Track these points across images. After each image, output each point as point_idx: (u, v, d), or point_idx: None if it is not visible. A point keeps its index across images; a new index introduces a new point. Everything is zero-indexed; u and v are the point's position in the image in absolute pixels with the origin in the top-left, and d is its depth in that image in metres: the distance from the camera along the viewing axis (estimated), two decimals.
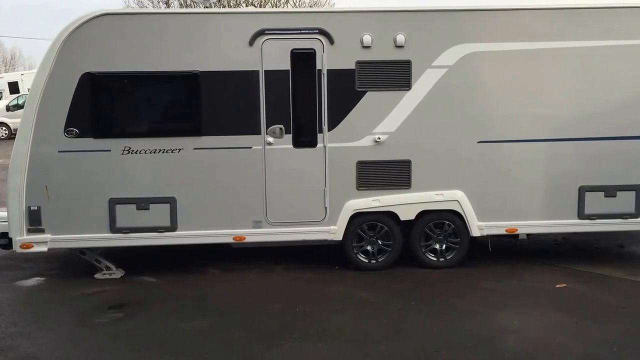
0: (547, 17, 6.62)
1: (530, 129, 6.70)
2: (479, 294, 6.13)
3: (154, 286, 6.56)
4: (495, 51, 6.61)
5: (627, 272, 6.78)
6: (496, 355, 4.71)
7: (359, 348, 4.86)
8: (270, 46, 6.47)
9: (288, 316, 5.57)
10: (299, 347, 4.88)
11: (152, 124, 6.67)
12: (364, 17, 6.57)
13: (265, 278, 6.75)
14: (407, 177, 6.73)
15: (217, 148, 6.55)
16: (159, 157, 6.52)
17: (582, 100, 6.68)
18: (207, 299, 6.08)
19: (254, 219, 6.66)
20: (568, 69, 6.64)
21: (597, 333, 5.10)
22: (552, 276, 6.64)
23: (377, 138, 6.64)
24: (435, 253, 6.94)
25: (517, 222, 6.81)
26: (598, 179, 6.77)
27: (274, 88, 6.52)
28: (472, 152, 6.70)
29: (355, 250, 6.88)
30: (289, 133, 6.59)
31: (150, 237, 6.60)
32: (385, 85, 6.58)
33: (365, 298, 6.04)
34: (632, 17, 6.62)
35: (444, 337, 5.06)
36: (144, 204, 6.54)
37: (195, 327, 5.35)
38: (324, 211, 6.72)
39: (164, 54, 6.41)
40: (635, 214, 6.80)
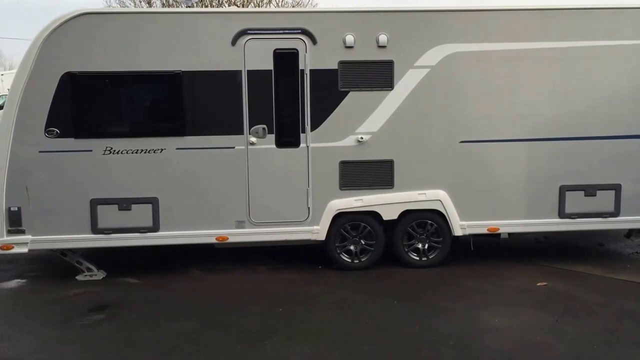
0: (528, 17, 6.68)
1: (512, 129, 6.76)
2: (461, 293, 6.18)
3: (136, 287, 6.52)
4: (477, 51, 6.66)
5: (606, 270, 6.88)
6: (477, 354, 4.75)
7: (342, 348, 4.87)
8: (253, 46, 6.46)
9: (271, 317, 5.57)
10: (282, 348, 4.88)
11: (134, 124, 6.62)
12: (346, 17, 6.58)
13: (249, 278, 6.74)
14: (389, 176, 6.75)
15: (199, 148, 6.53)
16: (141, 158, 6.48)
17: (562, 101, 6.75)
18: (190, 300, 6.05)
19: (237, 219, 6.65)
20: (549, 69, 6.71)
21: (577, 331, 5.16)
22: (533, 275, 6.71)
23: (359, 138, 6.66)
24: (418, 252, 6.98)
25: (499, 221, 6.87)
26: (578, 179, 6.85)
27: (256, 88, 6.51)
28: (454, 152, 6.74)
29: (338, 250, 6.90)
30: (271, 133, 6.58)
31: (132, 238, 6.56)
32: (367, 85, 6.60)
33: (348, 298, 6.06)
34: (611, 18, 6.70)
35: (426, 336, 5.09)
36: (126, 205, 6.49)
37: (177, 328, 5.32)
38: (307, 211, 6.72)
39: (146, 53, 6.38)
40: (614, 212, 6.89)
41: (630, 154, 6.83)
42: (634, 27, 6.69)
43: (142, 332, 5.29)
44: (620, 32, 6.68)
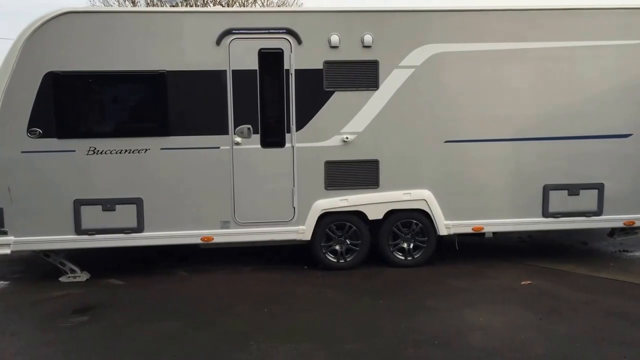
0: (512, 18, 6.72)
1: (496, 128, 6.80)
2: (446, 292, 6.20)
3: (120, 289, 6.47)
4: (461, 52, 6.69)
5: (590, 269, 6.94)
6: (462, 352, 4.76)
7: (327, 347, 4.86)
8: (238, 46, 6.44)
9: (256, 317, 5.55)
10: (267, 348, 4.86)
11: (118, 124, 6.57)
12: (331, 17, 6.58)
13: (234, 279, 6.72)
14: (375, 176, 6.76)
15: (184, 148, 6.50)
16: (125, 158, 6.44)
17: (546, 101, 6.80)
18: (174, 301, 6.02)
19: (222, 220, 6.63)
20: (532, 69, 6.76)
21: (561, 329, 5.20)
22: (517, 273, 6.75)
23: (345, 138, 6.66)
24: (403, 252, 7.00)
25: (483, 220, 6.91)
26: (562, 178, 6.91)
27: (241, 88, 6.49)
28: (439, 152, 6.77)
29: (324, 250, 6.89)
30: (256, 133, 6.57)
31: (117, 239, 6.51)
32: (353, 85, 6.61)
33: (333, 297, 6.05)
34: (594, 18, 6.77)
35: (411, 335, 5.09)
36: (110, 205, 6.45)
37: (162, 330, 5.29)
38: (293, 211, 6.71)
39: (130, 53, 6.34)
40: (597, 211, 6.96)
41: (613, 154, 6.90)
42: (617, 27, 6.76)
43: (126, 333, 5.25)
44: (603, 32, 6.75)
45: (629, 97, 6.84)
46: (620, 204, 6.96)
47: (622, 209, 6.97)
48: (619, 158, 6.91)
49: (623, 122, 6.87)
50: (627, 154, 6.91)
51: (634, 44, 6.76)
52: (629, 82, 6.82)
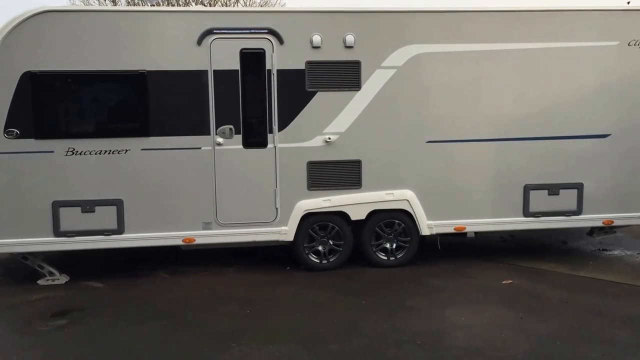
0: (493, 19, 6.77)
1: (477, 129, 6.84)
2: (428, 292, 6.22)
3: (100, 291, 6.40)
4: (443, 52, 6.72)
5: (569, 268, 7.01)
6: (444, 352, 4.78)
7: (310, 348, 4.85)
8: (219, 46, 6.40)
9: (238, 318, 5.52)
10: (250, 350, 4.84)
11: (97, 124, 6.49)
12: (313, 17, 6.57)
13: (216, 280, 6.68)
14: (357, 177, 6.77)
15: (165, 149, 6.44)
16: (105, 158, 6.37)
17: (526, 101, 6.86)
18: (156, 303, 5.96)
19: (204, 221, 6.58)
20: (514, 70, 6.81)
21: (542, 327, 5.24)
22: (499, 273, 6.80)
23: (327, 138, 6.66)
24: (386, 252, 7.01)
25: (465, 220, 6.94)
26: (542, 178, 6.97)
27: (223, 88, 6.45)
28: (421, 152, 6.80)
29: (307, 250, 6.88)
30: (238, 133, 6.54)
31: (96, 241, 6.44)
32: (335, 85, 6.61)
33: (316, 298, 6.04)
34: (575, 19, 6.83)
35: (394, 335, 5.10)
36: (89, 207, 6.37)
37: (143, 332, 5.23)
38: (275, 212, 6.69)
39: (109, 52, 6.27)
40: (577, 211, 7.03)
41: (592, 154, 6.98)
42: (597, 28, 6.83)
43: (106, 336, 5.18)
44: (584, 33, 6.82)
45: (607, 98, 6.92)
46: (599, 204, 7.04)
47: (601, 208, 7.05)
48: (598, 158, 6.99)
49: (602, 123, 6.95)
50: (606, 153, 6.99)
51: (612, 45, 6.84)
52: (608, 83, 6.90)
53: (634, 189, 7.06)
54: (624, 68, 6.88)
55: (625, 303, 5.82)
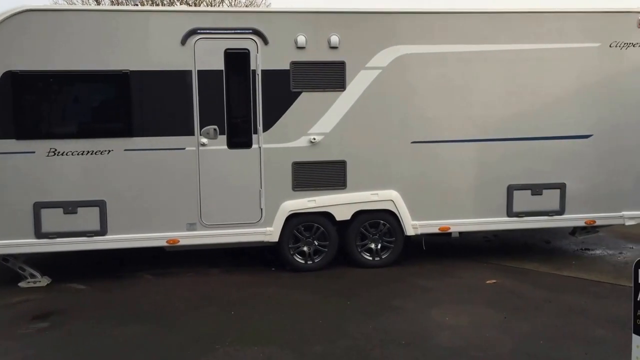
0: (478, 20, 6.80)
1: (462, 129, 6.87)
2: (413, 292, 6.23)
3: (82, 293, 6.33)
4: (427, 53, 6.74)
5: (552, 267, 7.06)
6: (429, 352, 4.79)
7: (295, 349, 4.83)
8: (203, 46, 6.37)
9: (223, 320, 5.49)
10: (234, 351, 4.81)
11: (79, 124, 6.42)
12: (298, 17, 6.56)
13: (200, 282, 6.64)
14: (342, 177, 6.77)
15: (148, 149, 6.39)
16: (88, 159, 6.31)
17: (510, 102, 6.90)
18: (139, 305, 5.91)
19: (188, 222, 6.54)
20: (497, 71, 6.85)
21: (525, 327, 5.27)
22: (483, 273, 6.84)
23: (312, 139, 6.65)
24: (371, 252, 7.02)
25: (450, 220, 6.97)
26: (525, 178, 7.02)
27: (207, 88, 6.42)
28: (405, 153, 6.81)
29: (292, 251, 6.86)
30: (223, 134, 6.51)
31: (79, 242, 6.37)
32: (320, 86, 6.60)
33: (301, 299, 6.03)
34: (558, 21, 6.89)
35: (379, 335, 5.10)
36: (72, 208, 6.30)
37: (126, 335, 5.19)
38: (260, 212, 6.67)
39: (92, 52, 6.21)
40: (559, 211, 7.09)
41: (575, 154, 7.04)
42: (580, 30, 6.90)
43: (88, 339, 5.13)
44: (568, 35, 6.87)
45: (589, 99, 6.99)
46: (582, 204, 7.10)
47: (583, 208, 7.12)
48: (580, 158, 7.06)
49: (584, 123, 7.01)
50: (588, 154, 7.06)
51: (594, 46, 6.90)
52: (590, 84, 6.97)
53: (615, 189, 7.13)
54: (606, 69, 6.95)
55: (608, 302, 5.87)
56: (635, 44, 6.92)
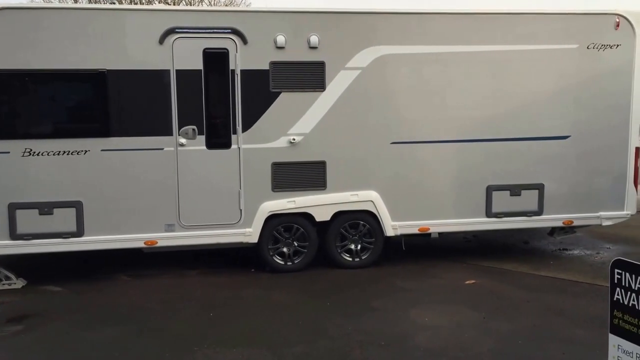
0: (458, 21, 6.83)
1: (441, 130, 6.89)
2: (392, 293, 6.23)
3: (58, 295, 6.23)
4: (407, 54, 6.75)
5: (531, 267, 7.11)
6: (408, 352, 4.79)
7: (274, 351, 4.80)
8: (182, 45, 6.31)
9: (201, 322, 5.43)
10: (213, 354, 4.76)
11: (55, 124, 6.33)
12: (277, 17, 6.53)
13: (179, 283, 6.57)
14: (322, 178, 6.75)
15: (126, 149, 6.32)
16: (64, 159, 6.21)
17: (489, 103, 6.94)
18: (116, 307, 5.83)
19: (167, 223, 6.48)
20: (476, 72, 6.88)
21: (504, 327, 5.29)
22: (462, 273, 6.86)
23: (292, 139, 6.62)
24: (351, 253, 7.01)
25: (429, 221, 6.98)
26: (504, 179, 7.06)
27: (186, 88, 6.36)
28: (385, 153, 6.81)
29: (271, 252, 6.83)
30: (202, 134, 6.45)
31: (55, 244, 6.27)
32: (299, 86, 6.58)
33: (280, 300, 6.00)
34: (536, 22, 6.94)
35: (358, 336, 5.09)
36: (47, 209, 6.20)
37: (103, 337, 5.11)
38: (239, 213, 6.62)
39: (69, 51, 6.13)
40: (538, 211, 7.14)
41: (553, 155, 7.10)
42: (558, 31, 6.95)
43: (64, 342, 5.04)
44: (546, 36, 6.93)
45: (567, 100, 7.05)
46: (560, 204, 7.16)
47: (561, 208, 7.18)
48: (558, 159, 7.12)
49: (562, 125, 7.08)
50: (566, 155, 7.12)
51: (572, 48, 6.96)
52: (568, 86, 7.03)
53: (593, 190, 7.20)
54: (583, 71, 7.02)
55: (585, 302, 5.93)
56: (613, 46, 6.99)
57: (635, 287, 3.11)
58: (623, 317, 3.20)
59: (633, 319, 3.14)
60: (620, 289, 3.20)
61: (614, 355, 3.28)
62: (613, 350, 3.28)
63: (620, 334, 3.22)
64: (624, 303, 3.18)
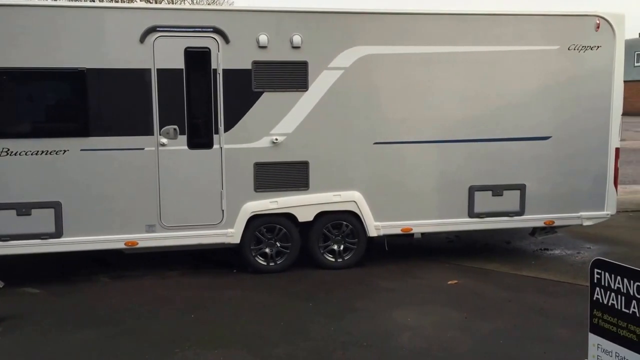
0: (440, 22, 6.84)
1: (424, 130, 6.90)
2: (375, 293, 6.22)
3: (36, 297, 6.14)
4: (390, 54, 6.75)
5: (513, 267, 7.15)
6: (391, 353, 4.78)
7: (255, 353, 4.77)
8: (163, 44, 6.24)
9: (182, 324, 5.38)
10: (194, 356, 4.72)
11: (34, 123, 6.23)
12: (259, 16, 6.48)
13: (159, 285, 6.50)
14: (305, 178, 6.72)
15: (106, 149, 6.24)
16: (42, 159, 6.12)
17: (472, 103, 6.95)
18: (95, 309, 5.75)
19: (147, 223, 6.40)
20: (459, 73, 6.89)
21: (486, 326, 5.31)
22: (445, 273, 6.87)
23: (274, 139, 6.58)
24: (334, 254, 6.99)
25: (412, 221, 6.98)
26: (486, 179, 7.08)
27: (167, 87, 6.30)
28: (368, 153, 6.80)
29: (254, 253, 6.78)
30: (183, 134, 6.39)
31: (33, 245, 6.17)
32: (282, 86, 6.54)
33: (262, 301, 5.96)
34: (518, 24, 6.97)
35: (340, 337, 5.07)
36: (25, 210, 6.10)
37: (81, 340, 5.04)
38: (221, 214, 6.57)
39: (47, 49, 6.04)
40: (519, 211, 7.17)
41: (534, 155, 7.13)
42: (538, 33, 6.99)
43: (42, 344, 4.97)
44: (527, 37, 6.96)
45: (549, 101, 7.09)
46: (541, 204, 7.20)
47: (543, 209, 7.22)
48: (540, 160, 7.15)
49: (543, 125, 7.11)
50: (547, 155, 7.16)
51: (553, 49, 7.01)
52: (549, 87, 7.07)
53: (573, 190, 7.25)
54: (564, 72, 7.06)
55: (566, 301, 5.97)
56: (593, 47, 7.05)
57: (614, 286, 3.13)
58: (602, 317, 3.22)
59: (612, 318, 3.16)
60: (600, 289, 3.22)
61: (593, 354, 3.30)
62: (593, 350, 3.30)
63: (600, 333, 3.24)
64: (603, 303, 3.20)
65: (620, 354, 3.12)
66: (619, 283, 3.10)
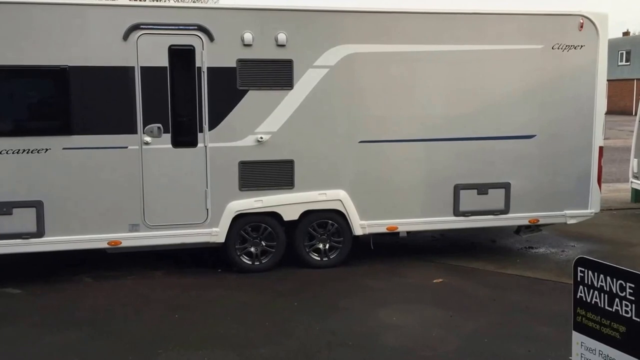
0: (425, 21, 6.85)
1: (409, 129, 6.89)
2: (361, 292, 6.21)
3: (17, 298, 6.05)
4: (375, 52, 6.73)
5: (498, 266, 7.17)
6: (376, 352, 4.77)
7: (240, 353, 4.74)
8: (146, 41, 6.18)
9: (166, 324, 5.33)
10: (178, 356, 4.68)
11: (15, 122, 6.16)
12: (244, 14, 6.44)
13: (143, 285, 6.44)
14: (290, 177, 6.68)
15: (89, 148, 6.17)
16: (24, 158, 6.04)
17: (457, 102, 6.96)
18: (77, 310, 5.68)
19: (131, 223, 6.34)
20: (444, 71, 6.90)
21: (470, 325, 5.32)
22: (430, 272, 6.88)
23: (259, 138, 6.55)
24: (319, 253, 6.96)
25: (397, 220, 6.98)
26: (471, 178, 7.09)
27: (151, 85, 6.24)
28: (353, 152, 6.78)
29: (239, 252, 6.74)
30: (167, 132, 6.34)
31: (14, 245, 6.09)
32: (267, 84, 6.51)
33: (247, 301, 5.92)
34: (502, 23, 7.00)
35: (325, 336, 5.05)
36: (6, 209, 6.02)
37: (63, 341, 4.97)
38: (206, 213, 6.52)
39: (29, 46, 5.95)
40: (505, 210, 7.19)
41: (519, 154, 7.15)
42: (522, 32, 7.01)
43: (23, 346, 4.89)
44: (511, 36, 6.98)
45: (533, 100, 7.12)
46: (526, 203, 7.22)
47: (527, 207, 7.24)
48: (524, 158, 7.18)
49: (528, 124, 7.14)
50: (532, 154, 7.18)
51: (537, 48, 7.03)
52: (533, 85, 7.09)
53: (558, 189, 7.28)
54: (548, 71, 7.09)
55: (550, 300, 5.99)
56: (577, 47, 7.08)
57: (597, 285, 3.13)
58: (586, 315, 3.22)
59: (595, 316, 3.16)
60: (583, 287, 3.22)
61: (577, 352, 3.30)
62: (577, 348, 3.30)
63: (584, 331, 3.24)
64: (586, 301, 3.20)
65: (604, 352, 3.13)
66: (602, 281, 3.10)
